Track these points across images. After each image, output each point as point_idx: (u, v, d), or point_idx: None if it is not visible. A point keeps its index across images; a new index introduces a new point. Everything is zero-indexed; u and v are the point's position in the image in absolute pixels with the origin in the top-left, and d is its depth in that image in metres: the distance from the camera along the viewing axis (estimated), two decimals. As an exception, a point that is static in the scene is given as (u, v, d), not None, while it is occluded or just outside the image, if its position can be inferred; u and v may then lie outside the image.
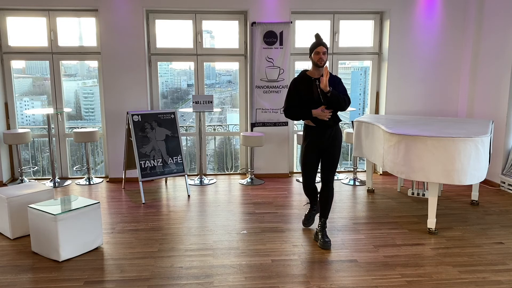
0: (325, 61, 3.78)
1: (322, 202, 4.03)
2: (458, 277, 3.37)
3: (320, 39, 3.82)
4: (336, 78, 3.94)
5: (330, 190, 3.99)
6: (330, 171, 3.96)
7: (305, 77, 3.88)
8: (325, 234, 3.97)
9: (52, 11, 6.00)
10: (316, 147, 3.93)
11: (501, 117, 5.67)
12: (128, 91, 6.01)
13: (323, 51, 3.76)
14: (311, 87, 3.83)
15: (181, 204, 5.21)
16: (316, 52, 3.77)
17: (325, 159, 3.95)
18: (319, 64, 3.77)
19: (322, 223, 4.02)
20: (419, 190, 5.33)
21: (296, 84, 3.89)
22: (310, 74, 3.87)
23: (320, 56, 3.75)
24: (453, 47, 6.30)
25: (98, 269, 3.52)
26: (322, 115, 3.78)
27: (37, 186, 4.48)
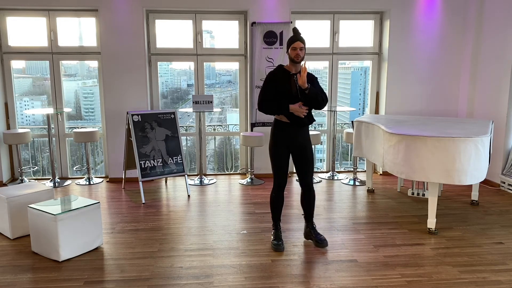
0: (302, 57, 3.67)
1: (306, 205, 3.94)
2: (458, 277, 3.37)
3: (298, 34, 3.70)
4: (313, 76, 3.82)
5: (312, 193, 3.90)
6: (308, 173, 3.85)
7: (282, 71, 3.75)
8: (317, 233, 3.94)
9: (52, 11, 6.00)
10: (287, 145, 3.78)
11: (501, 117, 5.67)
12: (128, 91, 6.01)
13: (300, 46, 3.65)
14: (289, 82, 3.69)
15: (181, 204, 5.21)
16: (293, 48, 3.65)
17: (301, 162, 3.82)
18: (295, 60, 3.66)
19: (311, 225, 3.96)
20: (419, 190, 5.33)
21: (273, 78, 3.73)
22: (288, 69, 3.76)
23: (297, 52, 3.64)
24: (453, 47, 6.30)
25: (98, 269, 3.52)
26: (299, 111, 3.65)
27: (37, 186, 4.48)
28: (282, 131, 3.77)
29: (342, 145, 7.17)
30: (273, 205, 3.95)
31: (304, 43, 3.70)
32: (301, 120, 3.72)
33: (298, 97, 3.68)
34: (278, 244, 3.85)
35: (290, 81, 3.71)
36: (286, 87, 3.69)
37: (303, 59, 3.70)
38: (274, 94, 3.71)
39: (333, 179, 6.29)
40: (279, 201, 3.92)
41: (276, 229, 3.97)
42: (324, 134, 6.72)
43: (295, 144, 3.78)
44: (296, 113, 3.67)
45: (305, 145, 3.80)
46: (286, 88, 3.69)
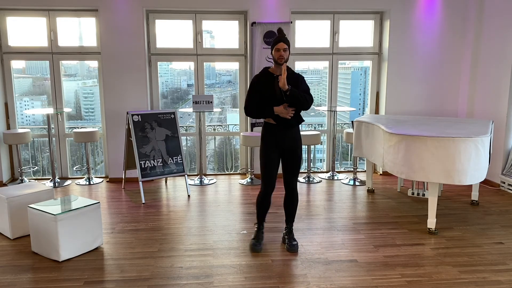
0: (286, 59, 3.61)
1: (288, 208, 3.89)
2: (458, 277, 3.37)
3: (282, 35, 3.64)
4: (299, 76, 3.77)
5: (295, 195, 3.86)
6: (293, 175, 3.80)
7: (266, 73, 3.73)
8: (292, 237, 3.89)
9: (52, 11, 6.00)
10: (276, 147, 3.73)
11: (501, 117, 5.67)
12: (128, 91, 6.01)
13: (284, 47, 3.58)
14: (273, 84, 3.65)
15: (181, 204, 5.21)
16: (276, 49, 3.59)
17: (287, 163, 3.78)
18: (279, 62, 3.60)
19: (289, 228, 3.92)
20: (419, 190, 5.33)
21: (258, 81, 3.71)
22: (272, 71, 3.72)
23: (280, 53, 3.58)
24: (453, 47, 6.30)
25: (98, 269, 3.52)
26: (284, 112, 3.61)
27: (37, 186, 4.48)
28: (271, 133, 3.73)
29: (342, 145, 7.17)
30: (258, 208, 3.89)
31: (288, 44, 3.64)
32: (288, 122, 3.67)
33: (282, 99, 3.62)
34: (255, 244, 3.83)
35: (274, 83, 3.65)
36: (270, 89, 3.65)
37: (287, 60, 3.64)
38: (259, 97, 3.67)
39: (333, 179, 6.29)
40: (265, 205, 3.86)
41: (258, 229, 3.94)
42: (324, 134, 6.72)
43: (285, 145, 3.73)
44: (281, 115, 3.63)
45: (295, 146, 3.76)
46: (271, 91, 3.64)
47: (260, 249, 3.82)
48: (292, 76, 3.70)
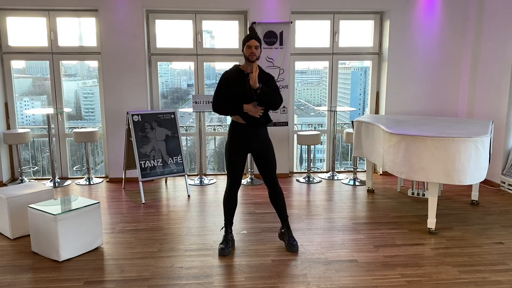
0: (258, 56, 3.60)
1: (277, 206, 3.86)
2: (458, 277, 3.37)
3: (254, 33, 3.64)
4: (269, 75, 3.75)
5: (279, 190, 3.83)
6: (271, 173, 3.78)
7: (237, 70, 3.69)
8: (291, 236, 3.87)
9: (52, 11, 6.00)
10: (244, 146, 3.71)
11: (501, 117, 5.67)
12: (128, 91, 6.01)
13: (256, 45, 3.56)
14: (243, 82, 3.62)
15: (181, 204, 5.21)
16: (248, 46, 3.57)
17: (259, 162, 3.76)
18: (250, 59, 3.57)
19: (287, 226, 3.90)
20: (419, 190, 5.33)
21: (227, 77, 3.66)
22: (243, 68, 3.69)
23: (252, 51, 3.56)
24: (453, 47, 6.31)
25: (98, 269, 3.52)
26: (254, 111, 3.58)
27: (37, 186, 4.48)
28: (238, 132, 3.70)
29: (342, 145, 7.17)
30: (225, 208, 3.84)
31: (260, 42, 3.63)
32: (257, 121, 3.65)
33: (252, 97, 3.60)
34: (222, 248, 3.75)
35: (245, 81, 3.63)
36: (240, 87, 3.62)
37: (258, 58, 3.62)
38: (228, 94, 3.64)
39: (333, 179, 6.29)
40: (231, 204, 3.83)
41: (226, 233, 3.86)
42: (324, 134, 6.72)
43: (253, 145, 3.71)
44: (250, 113, 3.60)
45: (264, 145, 3.74)
46: (241, 88, 3.62)
47: (228, 252, 3.75)
48: (262, 75, 3.69)
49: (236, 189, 3.82)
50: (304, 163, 7.06)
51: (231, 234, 3.91)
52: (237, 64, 3.78)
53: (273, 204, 3.90)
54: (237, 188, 3.82)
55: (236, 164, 3.74)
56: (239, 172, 3.77)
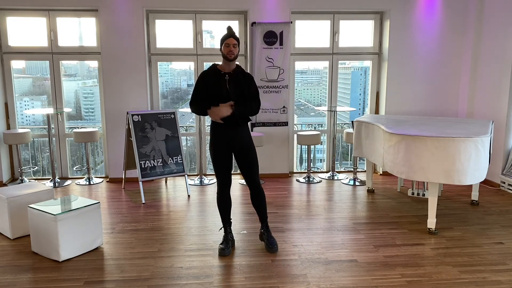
0: (236, 55, 3.57)
1: (257, 205, 3.84)
2: (458, 277, 3.37)
3: (232, 31, 3.62)
4: (248, 76, 3.72)
5: (260, 191, 3.81)
6: (253, 173, 3.76)
7: (214, 70, 3.67)
8: (270, 236, 3.85)
9: (52, 11, 6.00)
10: (224, 145, 3.68)
11: (501, 117, 5.67)
12: (128, 91, 6.01)
13: (234, 43, 3.54)
14: (220, 82, 3.61)
15: (181, 204, 5.21)
16: (226, 44, 3.54)
17: (240, 161, 3.75)
18: (228, 58, 3.55)
19: (265, 226, 3.88)
20: (419, 190, 5.33)
21: (204, 77, 3.65)
22: (220, 68, 3.66)
23: (230, 49, 3.53)
24: (453, 47, 6.30)
25: (98, 269, 3.52)
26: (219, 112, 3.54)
27: (37, 186, 4.48)
28: (217, 132, 3.69)
29: (342, 145, 7.17)
30: (220, 209, 3.86)
31: (238, 41, 3.61)
32: (233, 120, 3.61)
33: (229, 96, 3.60)
34: (222, 248, 3.75)
35: (221, 81, 3.62)
36: (217, 87, 3.61)
37: (236, 57, 3.61)
38: (205, 94, 3.63)
39: (333, 179, 6.29)
40: (224, 202, 3.83)
41: (226, 233, 3.87)
42: (324, 134, 6.72)
43: (234, 144, 3.70)
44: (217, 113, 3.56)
45: (245, 144, 3.71)
46: (217, 89, 3.60)
47: (228, 252, 3.76)
48: (242, 75, 3.68)
49: (227, 188, 3.80)
50: (304, 163, 7.06)
51: (231, 234, 3.91)
52: (215, 64, 3.75)
53: (254, 205, 3.87)
54: (227, 187, 3.80)
55: (222, 164, 3.73)
56: (226, 171, 3.75)
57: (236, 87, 3.63)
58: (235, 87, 3.63)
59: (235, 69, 3.69)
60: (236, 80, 3.65)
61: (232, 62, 3.62)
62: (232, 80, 3.64)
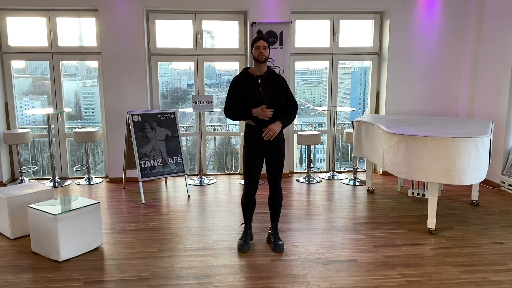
0: (267, 57, 3.62)
1: (273, 206, 3.90)
2: (458, 277, 3.37)
3: (261, 34, 3.69)
4: (279, 78, 3.75)
5: (279, 194, 3.88)
6: (277, 175, 3.82)
7: (246, 74, 3.71)
8: (277, 237, 3.91)
9: (52, 11, 6.00)
10: (258, 148, 3.72)
11: (501, 117, 5.67)
12: (128, 91, 6.01)
13: (264, 45, 3.60)
14: (253, 85, 3.65)
15: (181, 204, 5.21)
16: (256, 47, 3.60)
17: (270, 163, 3.79)
18: (259, 59, 3.60)
19: (274, 226, 3.95)
20: (419, 190, 5.33)
21: (237, 82, 3.70)
22: (252, 72, 3.71)
23: (260, 51, 3.59)
24: (453, 47, 6.31)
25: (98, 269, 3.52)
26: (262, 114, 3.59)
27: (37, 186, 4.48)
28: (253, 135, 3.72)
29: (342, 145, 7.17)
30: (243, 209, 3.92)
31: (268, 43, 3.66)
32: (268, 123, 3.65)
33: (261, 100, 3.63)
34: (242, 245, 3.84)
35: (254, 84, 3.66)
36: (249, 91, 3.64)
37: (267, 59, 3.65)
38: (238, 98, 3.68)
39: (333, 179, 6.29)
40: (250, 206, 3.88)
41: (246, 229, 3.95)
42: (324, 134, 6.72)
43: (267, 146, 3.72)
44: (260, 117, 3.62)
45: (277, 147, 3.74)
46: (250, 92, 3.64)
47: (247, 249, 3.84)
48: (273, 77, 3.71)
49: (254, 191, 3.83)
50: (304, 163, 7.06)
51: (250, 229, 3.98)
52: (247, 67, 3.80)
53: (270, 205, 3.93)
54: (255, 190, 3.83)
55: (253, 166, 3.75)
56: (256, 174, 3.78)
57: (270, 90, 3.66)
58: (269, 89, 3.65)
59: (267, 72, 3.72)
60: (269, 82, 3.67)
61: (263, 64, 3.67)
62: (264, 83, 3.67)
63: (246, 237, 3.91)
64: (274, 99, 3.65)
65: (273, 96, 3.65)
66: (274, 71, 3.80)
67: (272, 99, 3.64)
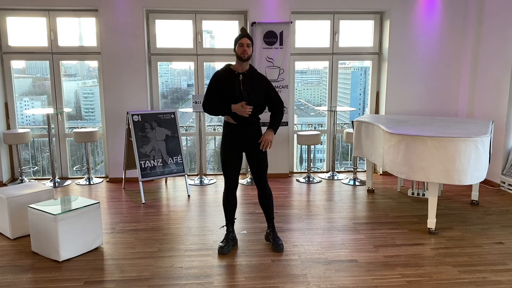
0: (250, 55, 3.59)
1: (264, 205, 3.85)
2: (458, 277, 3.37)
3: (245, 32, 3.66)
4: (264, 79, 3.73)
5: (268, 191, 3.83)
6: (261, 173, 3.78)
7: (228, 70, 3.69)
8: (276, 237, 3.88)
9: (52, 11, 6.00)
10: (236, 146, 3.71)
11: (501, 117, 5.67)
12: (128, 91, 6.01)
13: (247, 43, 3.57)
14: (234, 82, 3.62)
15: (181, 204, 5.21)
16: (240, 44, 3.58)
17: (252, 162, 3.75)
18: (242, 57, 3.58)
19: (271, 226, 3.91)
20: (419, 190, 5.33)
21: (218, 78, 3.67)
22: (234, 68, 3.68)
23: (244, 49, 3.56)
24: (453, 47, 6.30)
25: (98, 269, 3.52)
26: (242, 111, 3.54)
27: (37, 186, 4.48)
28: (230, 132, 3.70)
29: (342, 145, 7.17)
30: (224, 207, 3.87)
31: (252, 41, 3.64)
32: (247, 120, 3.63)
33: (242, 97, 3.59)
34: (222, 247, 3.78)
35: (235, 81, 3.63)
36: (230, 87, 3.61)
37: (250, 57, 3.63)
38: (218, 94, 3.64)
39: (333, 179, 6.29)
40: (230, 203, 3.84)
41: (227, 232, 3.89)
42: (324, 134, 6.72)
43: (246, 144, 3.71)
44: (239, 113, 3.57)
45: (256, 145, 3.71)
46: (231, 89, 3.61)
47: (228, 251, 3.79)
48: (255, 76, 3.68)
49: (234, 189, 3.81)
50: (304, 163, 7.06)
51: (233, 233, 3.92)
52: (229, 64, 3.76)
53: (261, 205, 3.89)
54: (234, 188, 3.81)
55: (230, 164, 3.73)
56: (234, 172, 3.76)
57: (251, 88, 3.63)
58: (249, 87, 3.63)
59: (249, 70, 3.70)
60: (251, 80, 3.65)
61: (246, 62, 3.64)
62: (246, 80, 3.65)
63: (228, 240, 3.84)
64: (254, 97, 3.62)
65: (253, 94, 3.62)
66: (256, 70, 3.76)
67: (252, 97, 3.61)
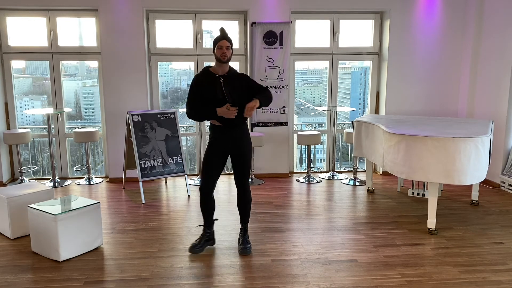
0: (229, 57, 3.55)
1: (241, 207, 3.80)
2: (458, 277, 3.37)
3: (225, 33, 3.59)
4: (243, 76, 3.72)
5: (247, 193, 3.77)
6: (242, 175, 3.73)
7: (207, 73, 3.62)
8: (246, 240, 3.81)
9: (52, 11, 6.00)
10: (221, 148, 3.66)
11: (501, 117, 5.67)
12: (128, 91, 6.01)
13: (227, 45, 3.53)
14: (215, 85, 3.56)
15: (181, 204, 5.21)
16: (219, 47, 3.52)
17: (235, 165, 3.71)
18: (222, 60, 3.53)
19: (244, 228, 3.85)
20: (419, 190, 5.32)
21: (198, 82, 3.59)
22: (213, 71, 3.61)
23: (223, 51, 3.52)
24: (453, 47, 6.30)
25: (98, 269, 3.52)
26: (228, 113, 3.48)
27: (37, 186, 4.48)
28: (218, 136, 3.66)
29: (342, 145, 7.17)
30: (201, 209, 3.83)
31: (231, 43, 3.59)
32: (233, 122, 3.58)
33: (224, 99, 3.54)
34: (194, 245, 3.78)
35: (216, 84, 3.57)
36: (211, 90, 3.55)
37: (229, 59, 3.59)
38: (200, 98, 3.58)
39: (333, 179, 6.29)
40: (206, 205, 3.78)
41: (204, 232, 3.85)
42: (324, 134, 6.72)
43: (233, 146, 3.66)
44: (225, 116, 3.51)
45: (241, 147, 3.67)
46: (212, 92, 3.55)
47: (198, 251, 3.76)
48: (235, 77, 3.65)
49: (209, 194, 3.74)
50: (304, 163, 7.06)
51: (210, 233, 3.86)
52: (208, 66, 3.71)
53: (238, 206, 3.83)
54: (209, 193, 3.73)
55: (211, 169, 3.67)
56: (213, 178, 3.70)
57: (233, 90, 3.59)
58: (231, 89, 3.58)
59: (229, 71, 3.65)
60: (232, 82, 3.61)
61: (226, 64, 3.60)
62: (227, 82, 3.60)
63: (201, 240, 3.81)
64: (237, 98, 3.57)
65: (236, 96, 3.57)
66: (236, 71, 3.72)
67: (235, 98, 3.56)
